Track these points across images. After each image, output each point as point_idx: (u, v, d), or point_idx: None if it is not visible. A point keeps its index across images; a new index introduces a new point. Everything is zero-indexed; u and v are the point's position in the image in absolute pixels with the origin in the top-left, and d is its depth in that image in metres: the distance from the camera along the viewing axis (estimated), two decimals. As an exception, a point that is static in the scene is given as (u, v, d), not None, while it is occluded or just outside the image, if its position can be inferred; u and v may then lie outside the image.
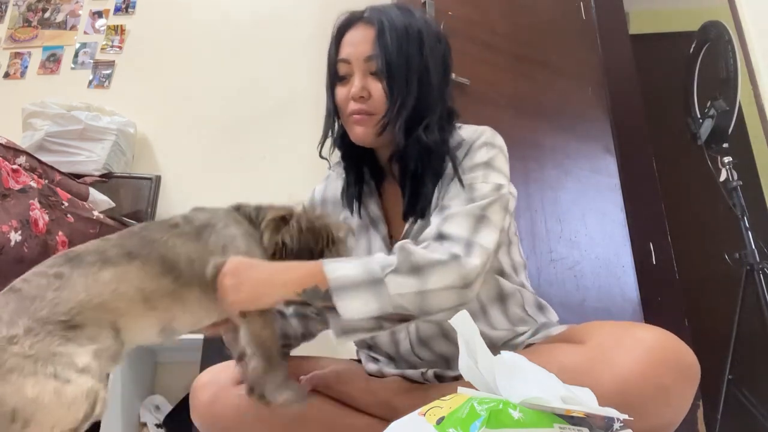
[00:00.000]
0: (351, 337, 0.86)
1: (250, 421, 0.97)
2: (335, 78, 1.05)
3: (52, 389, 0.72)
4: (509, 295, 1.02)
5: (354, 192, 1.09)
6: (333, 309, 0.83)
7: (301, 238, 0.93)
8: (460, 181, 0.96)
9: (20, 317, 0.75)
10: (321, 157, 1.12)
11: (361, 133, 1.02)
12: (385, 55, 0.98)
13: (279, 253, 0.92)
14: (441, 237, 0.89)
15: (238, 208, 0.98)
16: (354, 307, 0.82)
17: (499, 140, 1.03)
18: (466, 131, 1.05)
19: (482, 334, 0.65)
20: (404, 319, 0.85)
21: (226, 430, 0.99)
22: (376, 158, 1.11)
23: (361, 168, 1.10)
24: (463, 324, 0.65)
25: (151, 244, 0.85)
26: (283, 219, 0.95)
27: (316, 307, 0.88)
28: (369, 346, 1.09)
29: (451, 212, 0.91)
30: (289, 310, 1.12)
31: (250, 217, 0.97)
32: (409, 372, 1.03)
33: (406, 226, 1.03)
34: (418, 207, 1.00)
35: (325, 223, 0.98)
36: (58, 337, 0.76)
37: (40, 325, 0.76)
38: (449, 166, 1.00)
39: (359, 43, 1.02)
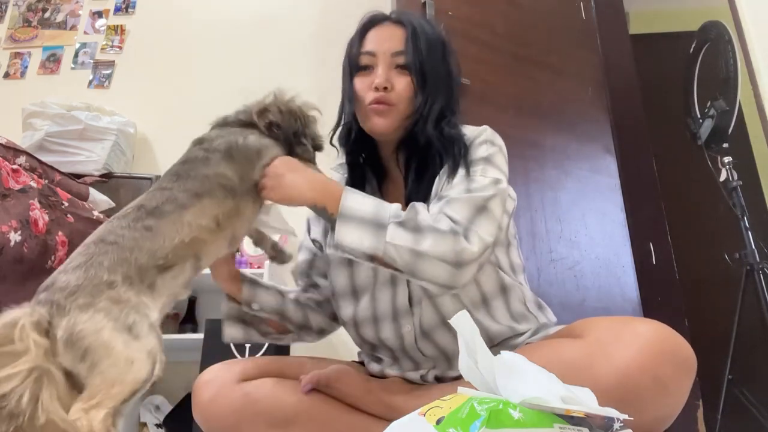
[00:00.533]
0: (341, 254, 0.92)
1: (250, 419, 0.98)
2: (355, 68, 1.10)
3: (122, 341, 0.78)
4: (510, 288, 1.04)
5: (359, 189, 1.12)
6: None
7: (283, 118, 1.06)
8: (467, 168, 0.99)
9: (120, 266, 0.84)
10: (331, 143, 1.16)
11: (381, 124, 1.06)
12: (418, 54, 1.06)
13: (271, 132, 1.05)
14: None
15: (225, 123, 1.08)
16: (349, 238, 0.89)
17: (499, 140, 1.06)
18: (467, 129, 1.09)
19: (482, 327, 0.66)
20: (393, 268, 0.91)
21: (227, 428, 1.00)
22: (378, 156, 1.14)
23: (364, 166, 1.14)
24: (463, 324, 0.65)
25: (207, 179, 0.96)
26: (265, 108, 1.07)
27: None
28: (373, 345, 1.09)
29: (453, 197, 0.94)
30: (291, 295, 1.15)
31: (242, 121, 1.07)
32: (410, 374, 1.04)
33: None
34: (426, 194, 1.04)
35: (297, 105, 1.10)
36: (147, 284, 0.85)
37: (137, 273, 0.84)
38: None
39: (387, 38, 1.08)
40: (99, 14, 3.10)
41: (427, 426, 0.59)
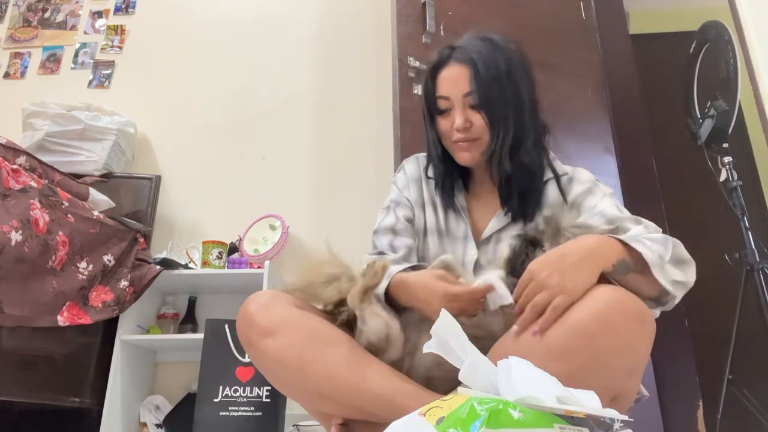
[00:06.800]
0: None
1: (295, 326, 0.97)
2: (435, 111, 1.20)
3: None
4: None
5: (449, 193, 1.26)
6: None
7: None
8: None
9: None
10: (428, 177, 1.29)
11: (467, 157, 1.20)
12: (483, 92, 1.13)
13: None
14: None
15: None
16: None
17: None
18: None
19: None
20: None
21: (268, 331, 0.97)
22: (467, 170, 1.27)
23: (454, 178, 1.27)
24: (444, 324, 0.65)
25: None
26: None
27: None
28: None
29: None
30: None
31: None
32: None
33: (498, 222, 1.20)
34: (528, 210, 1.18)
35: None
36: None
37: None
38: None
39: (456, 81, 1.16)
40: (99, 14, 3.10)
41: (427, 426, 0.59)
